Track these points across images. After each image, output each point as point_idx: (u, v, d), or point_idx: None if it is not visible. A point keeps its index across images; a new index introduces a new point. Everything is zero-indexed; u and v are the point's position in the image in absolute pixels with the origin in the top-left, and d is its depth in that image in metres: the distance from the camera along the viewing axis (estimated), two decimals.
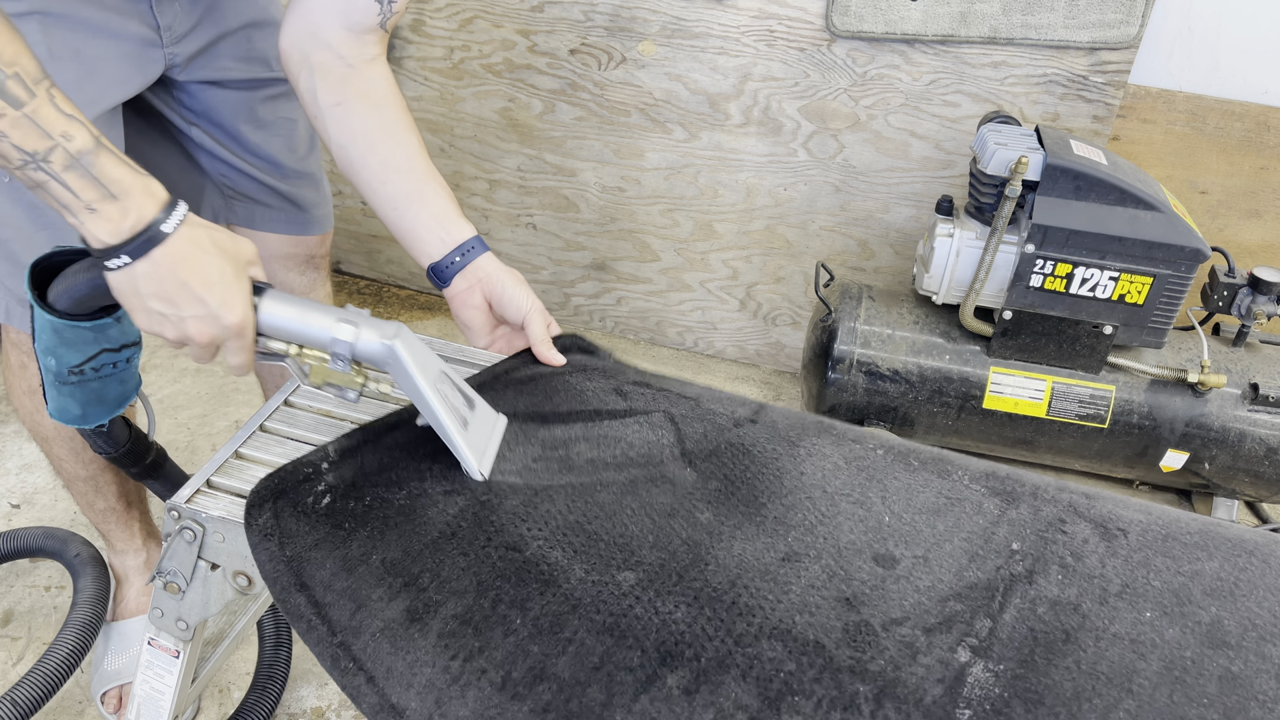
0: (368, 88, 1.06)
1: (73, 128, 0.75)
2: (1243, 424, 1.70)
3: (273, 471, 0.90)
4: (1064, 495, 0.96)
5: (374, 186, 1.07)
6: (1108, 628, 0.82)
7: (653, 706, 0.75)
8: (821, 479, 0.95)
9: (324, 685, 1.42)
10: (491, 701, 0.76)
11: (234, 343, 0.84)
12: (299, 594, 0.83)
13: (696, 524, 0.89)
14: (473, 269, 1.08)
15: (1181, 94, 1.87)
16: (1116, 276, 1.62)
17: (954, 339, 1.76)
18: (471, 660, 0.78)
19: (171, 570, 0.95)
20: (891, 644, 0.80)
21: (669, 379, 1.11)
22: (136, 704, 1.09)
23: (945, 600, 0.84)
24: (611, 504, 0.90)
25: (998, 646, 0.80)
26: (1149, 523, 0.93)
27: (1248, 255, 1.97)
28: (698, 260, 2.22)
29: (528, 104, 2.12)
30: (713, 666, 0.77)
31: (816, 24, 1.89)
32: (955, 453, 1.03)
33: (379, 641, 0.80)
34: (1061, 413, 1.72)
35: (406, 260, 2.42)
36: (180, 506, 0.91)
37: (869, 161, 2.01)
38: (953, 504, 0.94)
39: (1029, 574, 0.87)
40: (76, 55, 1.00)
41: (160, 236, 0.79)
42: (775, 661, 0.78)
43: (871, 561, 0.87)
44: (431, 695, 0.77)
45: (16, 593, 1.53)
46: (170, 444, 1.83)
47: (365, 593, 0.82)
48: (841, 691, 0.76)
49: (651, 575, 0.83)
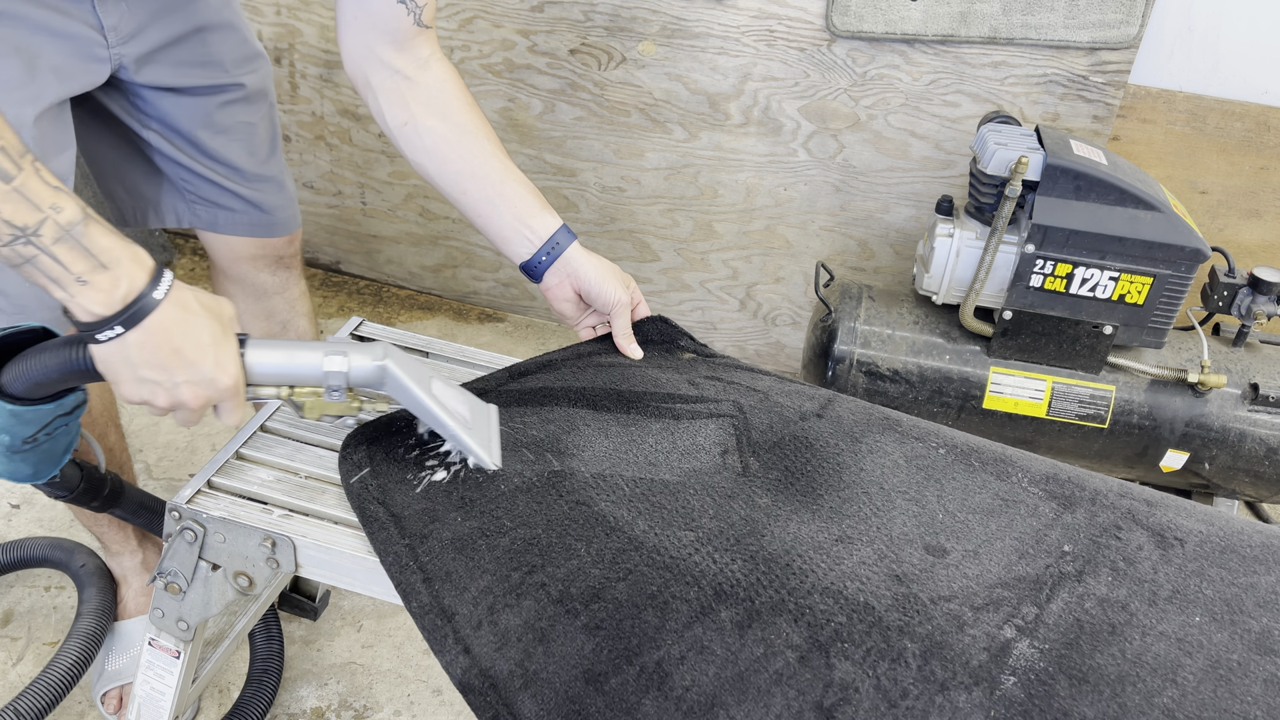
0: (429, 98, 1.07)
1: (60, 199, 0.74)
2: (1243, 424, 1.70)
3: (370, 420, 0.98)
4: (1124, 501, 0.97)
5: (456, 197, 1.10)
6: (1155, 626, 0.83)
7: (705, 634, 0.78)
8: (880, 476, 0.98)
9: (324, 685, 1.42)
10: (545, 613, 0.79)
11: (229, 402, 0.84)
12: (379, 506, 0.89)
13: (755, 506, 0.92)
14: (561, 264, 1.12)
15: (1181, 94, 1.87)
16: (1116, 276, 1.62)
17: (954, 339, 1.77)
18: (533, 574, 0.82)
19: (172, 571, 0.95)
20: (939, 615, 0.82)
21: (741, 370, 1.14)
22: (137, 704, 1.09)
23: (993, 588, 0.85)
24: (676, 483, 0.94)
25: (1043, 630, 0.81)
26: (1209, 533, 0.93)
27: (1248, 255, 1.97)
28: (698, 260, 2.22)
29: (527, 104, 2.12)
30: (765, 609, 0.80)
31: (816, 24, 1.89)
32: (1020, 451, 1.04)
33: (445, 549, 0.85)
34: (1061, 413, 1.72)
35: (406, 260, 2.42)
36: (181, 507, 0.91)
37: (869, 161, 2.01)
38: (1008, 505, 0.95)
39: (1078, 574, 0.88)
40: (17, 52, 0.99)
41: (152, 305, 0.78)
42: (826, 613, 0.80)
43: (922, 550, 0.89)
44: (485, 602, 0.80)
45: (16, 593, 1.53)
46: (170, 444, 1.83)
47: (441, 513, 0.88)
48: (890, 645, 0.78)
49: (710, 536, 0.87)
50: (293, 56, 2.19)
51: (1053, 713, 0.74)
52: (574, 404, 1.03)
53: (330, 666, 1.45)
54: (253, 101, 1.26)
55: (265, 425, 1.03)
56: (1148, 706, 0.75)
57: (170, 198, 1.27)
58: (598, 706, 0.74)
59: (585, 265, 1.12)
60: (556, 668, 0.76)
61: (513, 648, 0.77)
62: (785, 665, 0.76)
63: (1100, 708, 0.74)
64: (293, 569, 0.91)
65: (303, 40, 2.16)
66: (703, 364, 1.16)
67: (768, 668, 0.76)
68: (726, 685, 0.74)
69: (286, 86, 2.23)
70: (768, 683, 0.75)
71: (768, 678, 0.75)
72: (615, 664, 0.76)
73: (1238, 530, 0.94)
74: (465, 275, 2.40)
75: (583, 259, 1.12)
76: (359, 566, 0.89)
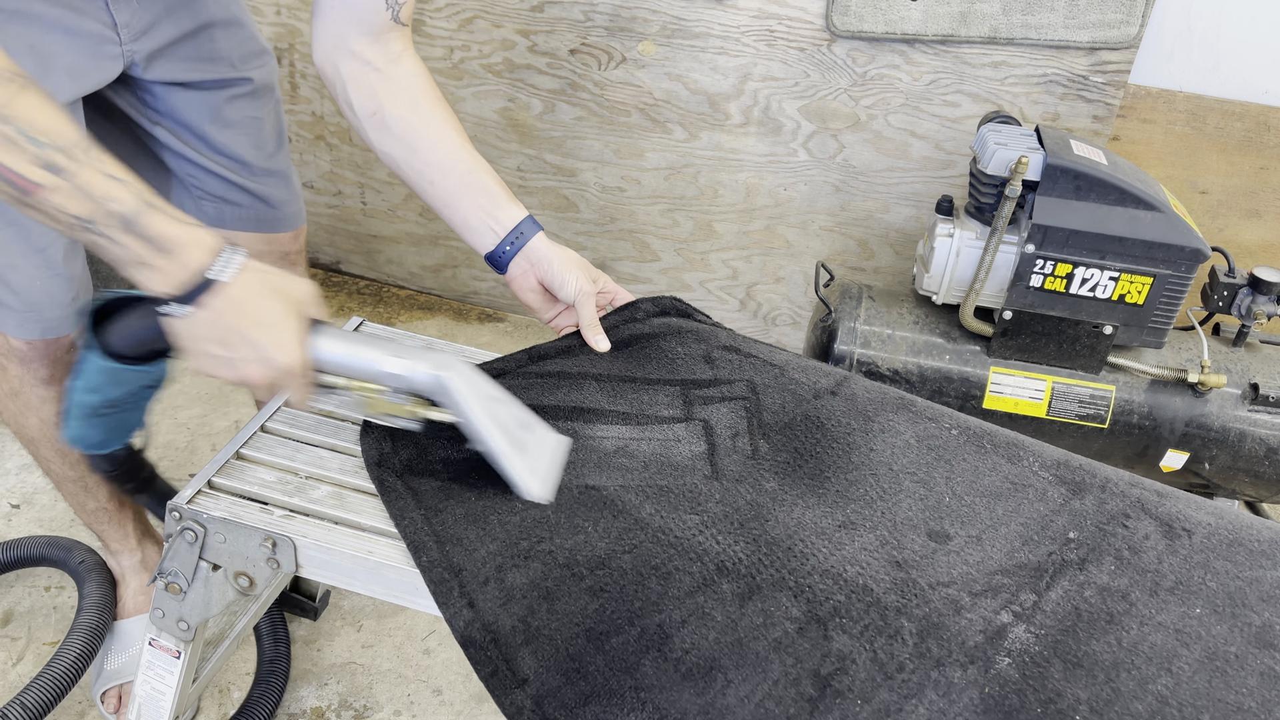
0: (398, 90, 1.08)
1: (116, 189, 0.78)
2: (1243, 424, 1.71)
3: None
4: (1134, 490, 0.97)
5: (423, 188, 1.11)
6: (1154, 616, 0.83)
7: (706, 603, 0.80)
8: (889, 456, 0.98)
9: (324, 685, 1.42)
10: (551, 574, 0.82)
11: (291, 382, 0.86)
12: (396, 479, 0.93)
13: (761, 490, 0.93)
14: (525, 254, 1.12)
15: (1181, 94, 1.87)
16: (1116, 276, 1.62)
17: (954, 339, 1.77)
18: (541, 544, 0.84)
19: (173, 571, 0.95)
20: (937, 599, 0.82)
21: (759, 344, 1.15)
22: (137, 704, 1.09)
23: (993, 574, 0.86)
24: (684, 465, 0.95)
25: (1040, 616, 0.82)
26: (1218, 525, 0.93)
27: (1248, 255, 1.97)
28: (698, 260, 2.22)
29: (528, 104, 2.12)
30: (766, 584, 0.82)
31: (816, 24, 1.89)
32: (1035, 440, 1.04)
33: (458, 520, 0.88)
34: (1061, 413, 1.72)
35: (406, 260, 2.42)
36: (182, 507, 0.91)
37: (869, 161, 2.01)
38: (1017, 489, 0.95)
39: (1081, 561, 0.88)
40: (31, 50, 1.00)
41: (215, 284, 0.81)
42: (825, 591, 0.82)
43: (925, 536, 0.90)
44: (494, 562, 0.83)
45: (16, 593, 1.53)
46: (170, 444, 1.83)
47: (457, 491, 0.91)
48: (887, 624, 0.79)
49: (714, 519, 0.88)
50: (293, 56, 2.19)
51: (1046, 692, 0.74)
52: (590, 390, 1.04)
53: (330, 666, 1.45)
54: (259, 96, 1.27)
55: (265, 426, 1.03)
56: (1141, 692, 0.75)
57: (177, 194, 1.28)
58: (597, 665, 0.75)
59: (548, 255, 1.11)
60: (559, 625, 0.77)
61: (517, 604, 0.79)
62: (784, 634, 0.77)
63: (1094, 690, 0.75)
64: (293, 569, 0.91)
65: (303, 40, 2.16)
66: (723, 332, 1.17)
67: (766, 635, 0.77)
68: (726, 650, 0.76)
69: (287, 86, 2.23)
70: (766, 649, 0.76)
71: (766, 645, 0.76)
72: (617, 624, 0.77)
73: (1246, 525, 0.94)
74: (465, 275, 2.40)
75: (546, 249, 1.12)
76: (359, 567, 0.89)
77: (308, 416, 1.04)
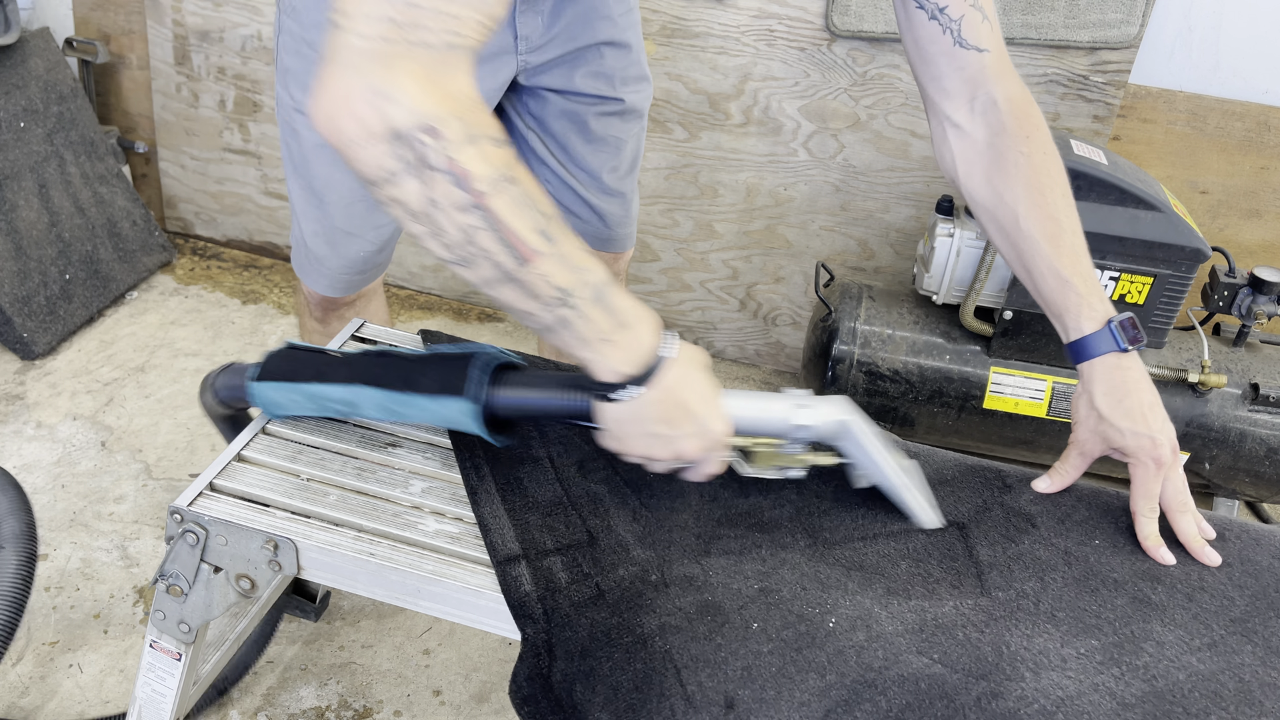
0: (990, 165, 0.98)
1: (589, 261, 0.75)
2: (1243, 424, 1.71)
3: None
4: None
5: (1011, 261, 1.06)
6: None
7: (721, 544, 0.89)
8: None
9: (324, 685, 1.42)
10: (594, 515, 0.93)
11: (718, 452, 0.85)
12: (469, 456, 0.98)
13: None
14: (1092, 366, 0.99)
15: (1182, 94, 1.87)
16: (1117, 276, 1.62)
17: (954, 339, 1.77)
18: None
19: (174, 573, 0.95)
20: None
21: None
22: (138, 706, 1.09)
23: None
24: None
25: None
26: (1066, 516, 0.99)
27: (1248, 255, 1.98)
28: (698, 260, 2.22)
29: None
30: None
31: (816, 24, 1.89)
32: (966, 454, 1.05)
33: (525, 511, 0.93)
34: (1062, 413, 1.72)
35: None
36: (183, 510, 0.91)
37: (869, 161, 2.01)
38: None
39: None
40: None
41: (665, 363, 0.79)
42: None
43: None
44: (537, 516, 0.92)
45: None
46: (170, 444, 1.83)
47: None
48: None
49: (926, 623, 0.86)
50: None
51: None
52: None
53: (330, 666, 1.45)
54: (627, 119, 1.28)
55: (266, 428, 1.02)
56: None
57: None
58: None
59: (1109, 383, 0.94)
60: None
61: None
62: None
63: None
64: (295, 571, 0.91)
65: None
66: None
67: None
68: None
69: None
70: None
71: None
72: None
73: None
74: None
75: (1114, 376, 0.94)
76: (360, 569, 0.89)
77: (308, 417, 1.04)
